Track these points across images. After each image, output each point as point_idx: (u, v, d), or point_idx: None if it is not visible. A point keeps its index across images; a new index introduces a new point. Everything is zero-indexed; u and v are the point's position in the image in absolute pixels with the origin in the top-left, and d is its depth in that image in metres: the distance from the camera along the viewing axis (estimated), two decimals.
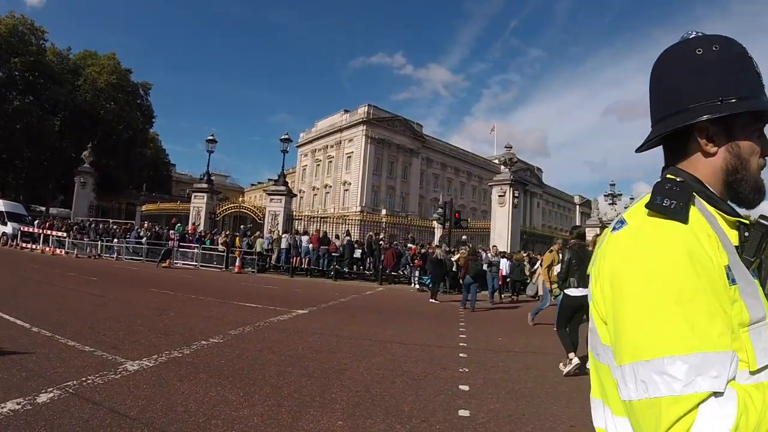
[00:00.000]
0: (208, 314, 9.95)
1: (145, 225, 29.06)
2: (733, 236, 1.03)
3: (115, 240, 27.28)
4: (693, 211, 0.99)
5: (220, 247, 24.20)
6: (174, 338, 7.23)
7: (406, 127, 71.60)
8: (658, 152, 1.20)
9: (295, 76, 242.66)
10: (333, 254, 23.23)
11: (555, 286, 10.74)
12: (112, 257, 26.21)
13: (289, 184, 30.55)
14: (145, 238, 26.24)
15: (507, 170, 27.10)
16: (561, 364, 6.97)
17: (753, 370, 0.91)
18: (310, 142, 75.73)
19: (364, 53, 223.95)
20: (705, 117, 1.04)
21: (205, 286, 15.94)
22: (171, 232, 25.37)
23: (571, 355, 6.91)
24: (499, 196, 26.74)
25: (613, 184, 34.54)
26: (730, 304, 0.90)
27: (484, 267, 17.89)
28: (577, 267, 7.34)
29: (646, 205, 1.00)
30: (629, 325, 0.90)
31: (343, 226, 29.60)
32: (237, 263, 23.03)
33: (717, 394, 0.82)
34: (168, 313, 9.67)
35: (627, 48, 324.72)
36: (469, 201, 79.24)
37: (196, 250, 24.47)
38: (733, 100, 1.03)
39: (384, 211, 52.09)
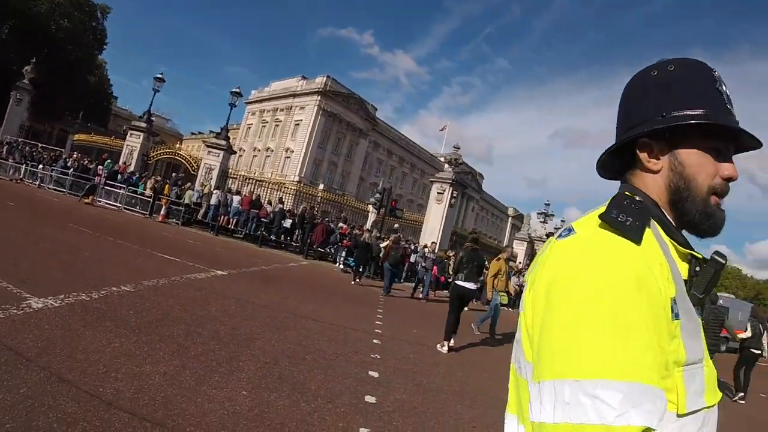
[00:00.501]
0: (124, 260, 9.55)
1: (74, 155, 27.46)
2: (684, 269, 0.99)
3: (41, 166, 25.58)
4: (647, 235, 0.93)
5: (148, 192, 23.22)
6: (84, 280, 6.85)
7: (360, 106, 71.04)
8: (596, 183, 1.15)
9: (261, 31, 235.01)
10: (262, 219, 22.86)
11: (502, 293, 11.04)
12: (35, 184, 24.61)
13: (231, 140, 29.64)
14: (72, 170, 24.75)
15: (450, 169, 27.39)
16: (438, 345, 8.36)
17: (681, 413, 0.86)
18: (261, 101, 73.73)
19: (335, 24, 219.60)
20: (640, 131, 1.03)
21: (125, 230, 15.28)
22: (100, 167, 24.16)
23: (446, 343, 8.36)
24: (438, 192, 27.01)
25: (548, 204, 35.69)
26: (668, 340, 0.85)
27: (415, 262, 18.38)
28: (467, 264, 9.16)
29: (601, 216, 0.93)
30: (560, 338, 0.81)
31: (278, 193, 29.14)
32: (162, 212, 22.21)
33: (648, 431, 0.74)
34: (82, 252, 9.22)
35: (589, 80, 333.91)
36: (407, 192, 79.76)
37: (122, 191, 23.35)
38: (676, 114, 1.00)
39: (322, 186, 51.65)
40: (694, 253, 1.00)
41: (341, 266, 20.94)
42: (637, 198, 1.00)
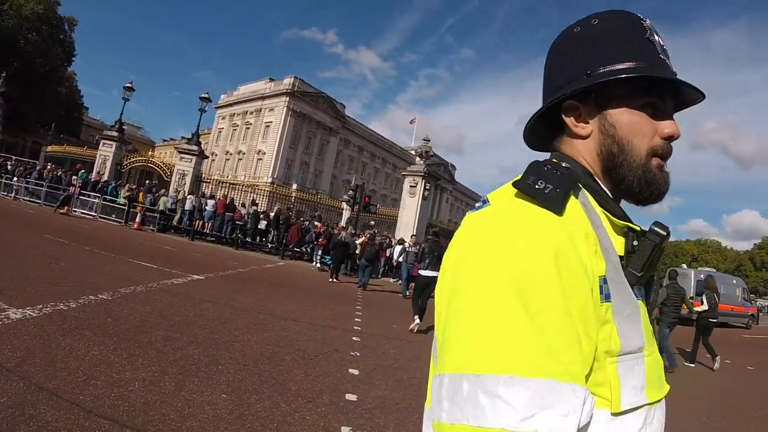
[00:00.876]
0: (101, 269, 9.47)
1: (48, 167, 27.00)
2: (620, 244, 0.85)
3: (15, 179, 25.23)
4: (573, 204, 0.79)
5: (122, 200, 22.96)
6: (62, 289, 6.84)
7: (329, 105, 70.92)
8: None
9: (225, 35, 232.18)
10: (237, 222, 22.74)
11: None
12: (10, 196, 24.34)
13: (203, 146, 29.43)
14: (46, 181, 24.43)
15: (422, 162, 27.50)
16: (411, 325, 9.28)
17: (615, 412, 0.73)
18: (230, 105, 73.17)
19: (298, 25, 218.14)
20: (561, 94, 0.90)
21: (101, 238, 15.08)
22: (74, 177, 23.91)
23: (416, 318, 9.35)
24: (411, 186, 27.11)
25: None
26: (596, 326, 0.71)
27: (397, 257, 18.65)
28: (429, 255, 9.89)
29: (515, 184, 0.80)
30: (461, 324, 0.68)
31: (252, 195, 28.98)
32: (137, 219, 21.93)
33: None
34: (59, 262, 9.11)
35: None
36: (380, 187, 79.93)
37: (96, 200, 23.11)
38: (602, 71, 0.87)
39: (295, 186, 51.34)
40: (630, 225, 0.87)
41: (318, 265, 20.94)
42: (564, 164, 0.88)
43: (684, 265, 34.12)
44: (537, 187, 0.77)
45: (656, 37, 0.90)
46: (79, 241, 13.09)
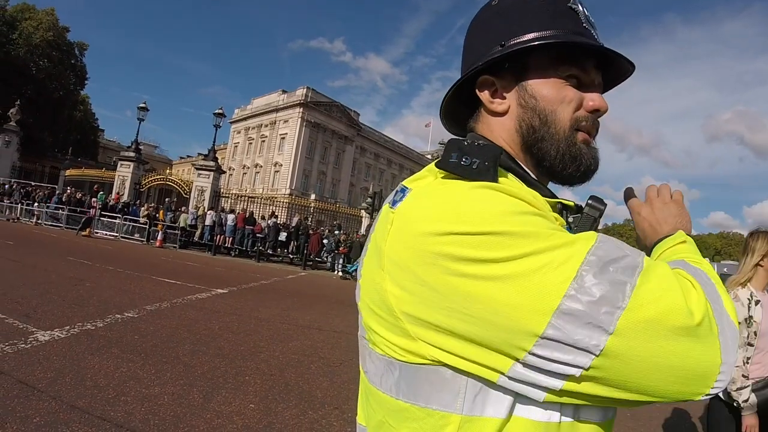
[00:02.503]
0: (125, 288, 9.59)
1: (68, 191, 27.52)
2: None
3: (36, 204, 25.80)
4: (505, 175, 0.76)
5: (143, 220, 23.29)
6: (88, 310, 6.96)
7: (342, 113, 71.21)
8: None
9: (232, 50, 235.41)
10: (258, 235, 22.91)
11: None
12: (32, 222, 24.82)
13: (219, 160, 29.77)
14: (66, 205, 24.92)
15: None
16: None
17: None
18: (245, 119, 73.90)
19: (304, 36, 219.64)
20: (474, 67, 0.85)
21: (124, 258, 15.29)
22: (93, 199, 24.30)
23: None
24: None
25: None
26: None
27: None
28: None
29: (438, 164, 0.74)
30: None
31: (271, 207, 29.20)
32: (159, 237, 22.27)
33: None
34: (84, 283, 9.25)
35: None
36: None
37: (118, 221, 23.48)
38: (517, 41, 0.81)
39: (313, 196, 51.76)
40: (562, 201, 0.83)
41: (339, 273, 21.01)
42: (479, 142, 0.76)
43: (708, 259, 33.59)
44: (462, 163, 0.71)
45: (579, 7, 0.84)
46: (102, 261, 13.29)
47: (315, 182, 66.39)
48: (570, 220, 0.83)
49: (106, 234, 23.35)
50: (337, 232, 23.95)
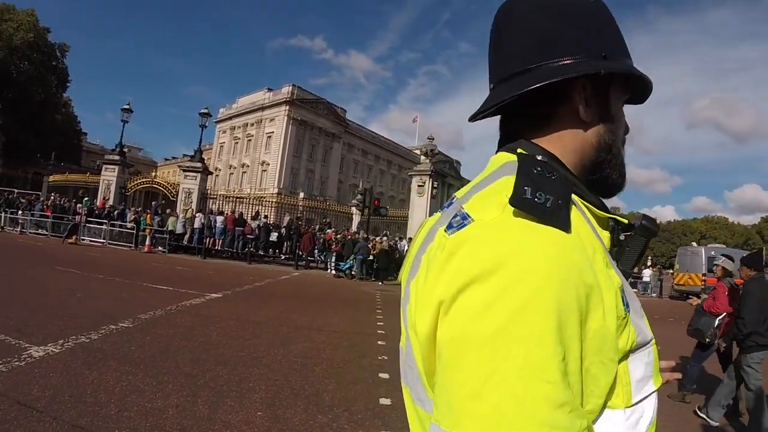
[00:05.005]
0: (117, 296, 9.43)
1: (52, 197, 27.07)
2: (606, 238, 0.78)
3: (20, 212, 25.26)
4: (575, 211, 0.69)
5: (130, 225, 22.98)
6: (81, 322, 6.76)
7: (329, 110, 70.98)
8: None
9: (217, 49, 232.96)
10: (248, 236, 22.71)
11: None
12: (16, 230, 24.35)
13: (206, 161, 29.47)
14: (51, 211, 24.46)
15: (428, 161, 27.42)
16: None
17: (628, 405, 0.68)
18: (230, 118, 73.32)
19: (284, 35, 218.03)
20: (587, 71, 0.76)
21: (113, 265, 15.07)
22: (78, 205, 23.92)
23: None
24: (419, 185, 27.03)
25: None
26: (618, 335, 0.65)
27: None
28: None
29: (512, 201, 0.63)
30: (460, 380, 0.58)
31: (260, 207, 28.98)
32: (147, 242, 21.97)
33: None
34: (74, 294, 9.06)
35: None
36: (387, 189, 79.88)
37: (104, 227, 23.12)
38: (617, 57, 0.80)
39: (302, 194, 51.55)
40: (617, 218, 0.80)
41: (333, 272, 20.92)
42: (540, 158, 0.74)
43: (694, 243, 33.98)
44: (537, 200, 0.64)
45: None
46: (91, 270, 13.06)
47: (303, 180, 66.14)
48: (621, 238, 0.80)
49: (93, 241, 22.99)
50: (328, 230, 23.83)
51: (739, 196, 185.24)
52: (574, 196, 0.72)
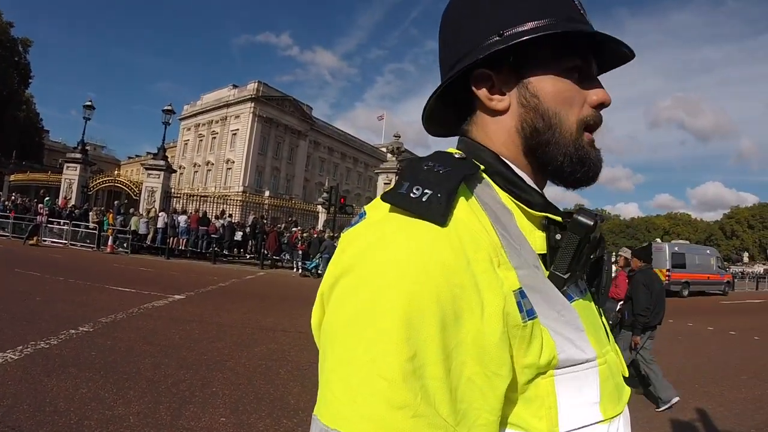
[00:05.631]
0: (78, 299, 9.19)
1: (13, 197, 26.23)
2: (540, 239, 0.71)
3: None
4: (463, 207, 0.63)
5: (92, 225, 22.43)
6: (40, 326, 6.61)
7: (295, 108, 70.40)
8: None
9: (179, 45, 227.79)
10: (213, 236, 22.41)
11: None
12: None
13: (170, 159, 28.96)
14: (11, 212, 23.73)
15: (394, 159, 27.54)
16: None
17: None
18: (195, 115, 71.91)
19: (249, 31, 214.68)
20: (471, 61, 0.73)
21: (74, 267, 14.71)
22: (40, 205, 23.26)
23: None
24: (385, 183, 27.13)
25: None
26: (519, 345, 0.59)
27: None
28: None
29: (383, 197, 0.64)
30: (327, 367, 0.57)
31: (225, 206, 28.65)
32: (109, 243, 21.48)
33: None
34: (34, 297, 8.80)
35: None
36: (354, 187, 79.78)
37: (66, 227, 22.55)
38: (518, 30, 0.71)
39: (267, 193, 51.02)
40: (549, 215, 0.72)
41: (299, 271, 20.80)
42: (457, 156, 0.72)
43: (658, 240, 34.80)
44: (412, 195, 0.61)
45: None
46: (52, 272, 12.72)
47: (269, 179, 65.51)
48: (558, 237, 0.70)
49: (54, 242, 22.42)
50: (294, 228, 23.68)
51: (702, 193, 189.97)
52: (498, 192, 0.71)
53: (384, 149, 55.84)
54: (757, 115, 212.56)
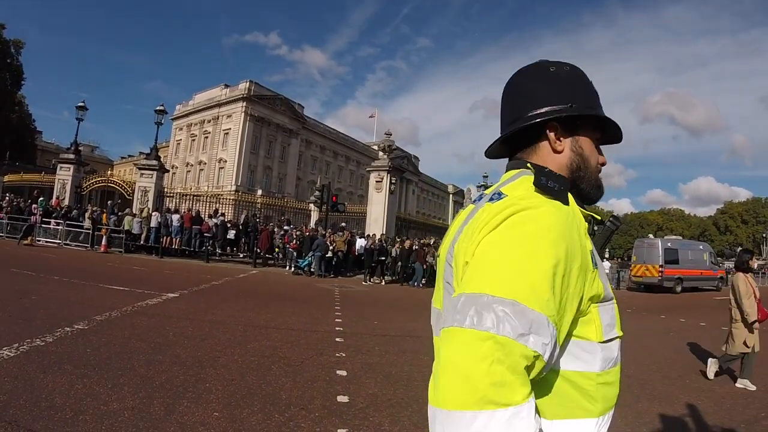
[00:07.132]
0: (73, 298, 9.26)
1: (6, 198, 26.12)
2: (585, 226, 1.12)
3: None
4: (571, 197, 1.08)
5: (86, 224, 22.39)
6: (36, 324, 6.67)
7: (287, 107, 70.32)
8: None
9: (170, 45, 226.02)
10: (206, 234, 22.41)
11: None
12: None
13: (162, 159, 28.89)
14: (5, 212, 23.62)
15: (385, 156, 27.54)
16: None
17: (600, 341, 1.02)
18: (187, 115, 71.72)
19: (238, 31, 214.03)
20: (557, 115, 1.15)
21: (69, 266, 14.74)
22: (34, 206, 23.18)
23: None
24: (377, 181, 27.13)
25: (486, 176, 36.31)
26: (590, 282, 0.99)
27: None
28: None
29: (535, 183, 1.05)
30: (489, 263, 0.93)
31: (217, 205, 28.63)
32: (103, 242, 21.45)
33: (537, 358, 0.85)
34: (29, 296, 8.85)
35: (513, 46, 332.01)
36: (346, 185, 79.80)
37: (60, 227, 22.54)
38: (581, 105, 1.17)
39: (260, 192, 51.06)
40: (594, 215, 1.18)
41: (292, 269, 20.83)
42: (547, 169, 1.12)
43: (651, 235, 34.87)
44: (549, 185, 1.04)
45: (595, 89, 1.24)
46: (46, 271, 12.74)
47: (261, 177, 65.41)
48: (595, 228, 1.20)
49: (48, 241, 22.40)
50: (286, 227, 23.68)
51: (694, 188, 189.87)
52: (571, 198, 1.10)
53: (375, 147, 55.78)
54: (749, 110, 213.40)
